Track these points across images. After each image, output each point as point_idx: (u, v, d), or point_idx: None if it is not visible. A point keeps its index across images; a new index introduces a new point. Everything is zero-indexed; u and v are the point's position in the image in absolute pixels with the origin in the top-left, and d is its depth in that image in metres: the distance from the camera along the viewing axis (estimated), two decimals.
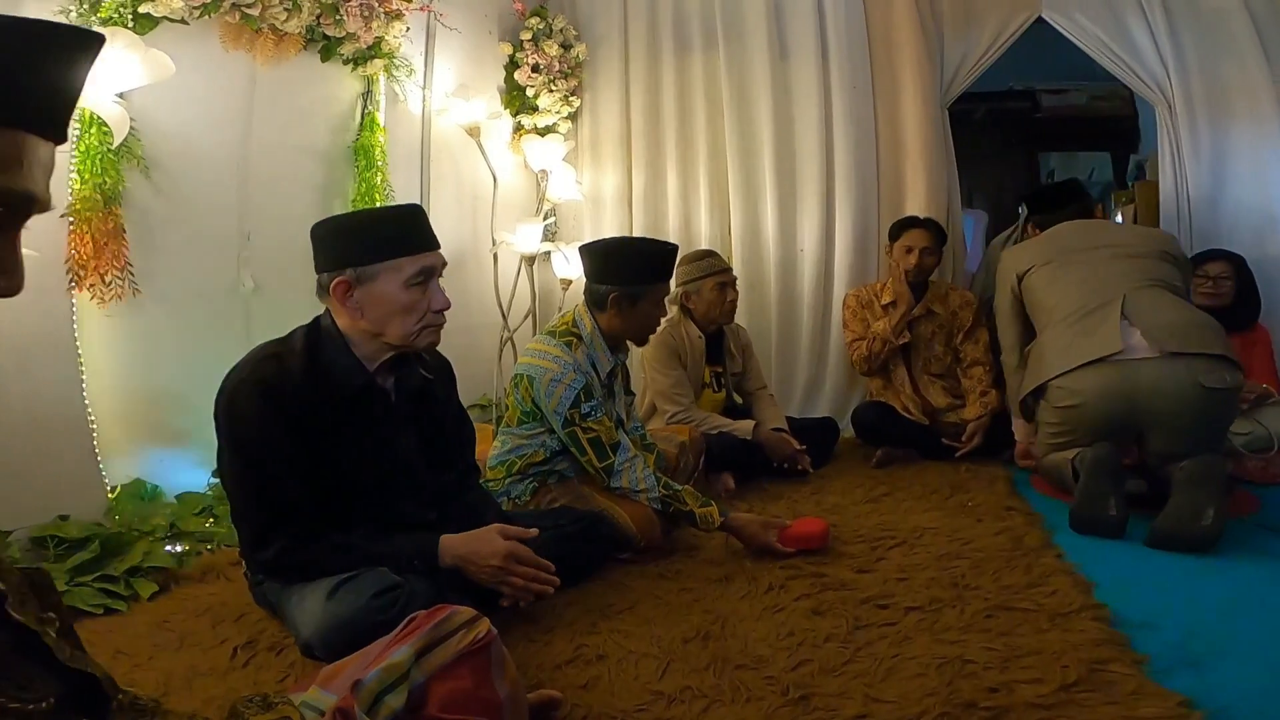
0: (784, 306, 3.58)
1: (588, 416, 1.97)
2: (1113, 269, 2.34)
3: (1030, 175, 5.52)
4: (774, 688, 1.31)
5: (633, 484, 1.97)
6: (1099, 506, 2.04)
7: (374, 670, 0.96)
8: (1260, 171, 3.12)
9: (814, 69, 3.51)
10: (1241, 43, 3.13)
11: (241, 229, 2.48)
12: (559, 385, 1.98)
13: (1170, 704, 1.15)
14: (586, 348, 2.07)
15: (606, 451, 1.98)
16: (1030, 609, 1.54)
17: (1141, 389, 2.10)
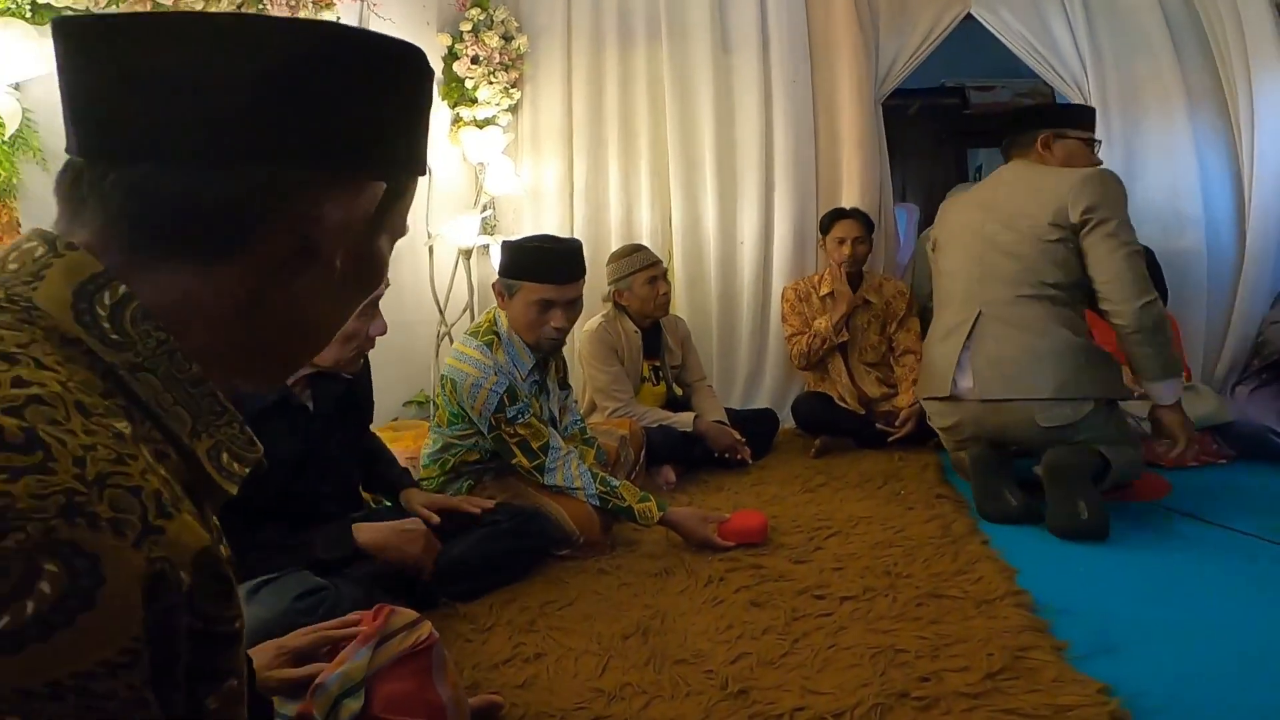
0: (724, 299, 3.61)
1: (514, 420, 1.95)
2: (982, 271, 2.22)
3: (959, 170, 5.66)
4: (713, 681, 1.32)
5: (567, 481, 1.96)
6: (996, 502, 2.12)
7: (334, 674, 0.96)
8: (1169, 166, 3.25)
9: (755, 63, 3.54)
10: (1154, 40, 3.25)
11: None
12: (481, 390, 1.94)
13: (1089, 690, 1.19)
14: (506, 346, 2.03)
15: (535, 453, 1.97)
16: (958, 596, 1.58)
17: (985, 425, 2.20)
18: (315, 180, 0.52)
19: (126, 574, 0.35)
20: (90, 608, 0.33)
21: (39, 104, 2.03)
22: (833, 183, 3.56)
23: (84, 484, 0.35)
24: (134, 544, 0.35)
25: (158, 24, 0.50)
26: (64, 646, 0.33)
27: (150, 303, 0.48)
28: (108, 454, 0.37)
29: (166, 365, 0.48)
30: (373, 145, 0.55)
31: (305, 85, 0.51)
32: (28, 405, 0.37)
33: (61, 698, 0.33)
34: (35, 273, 0.47)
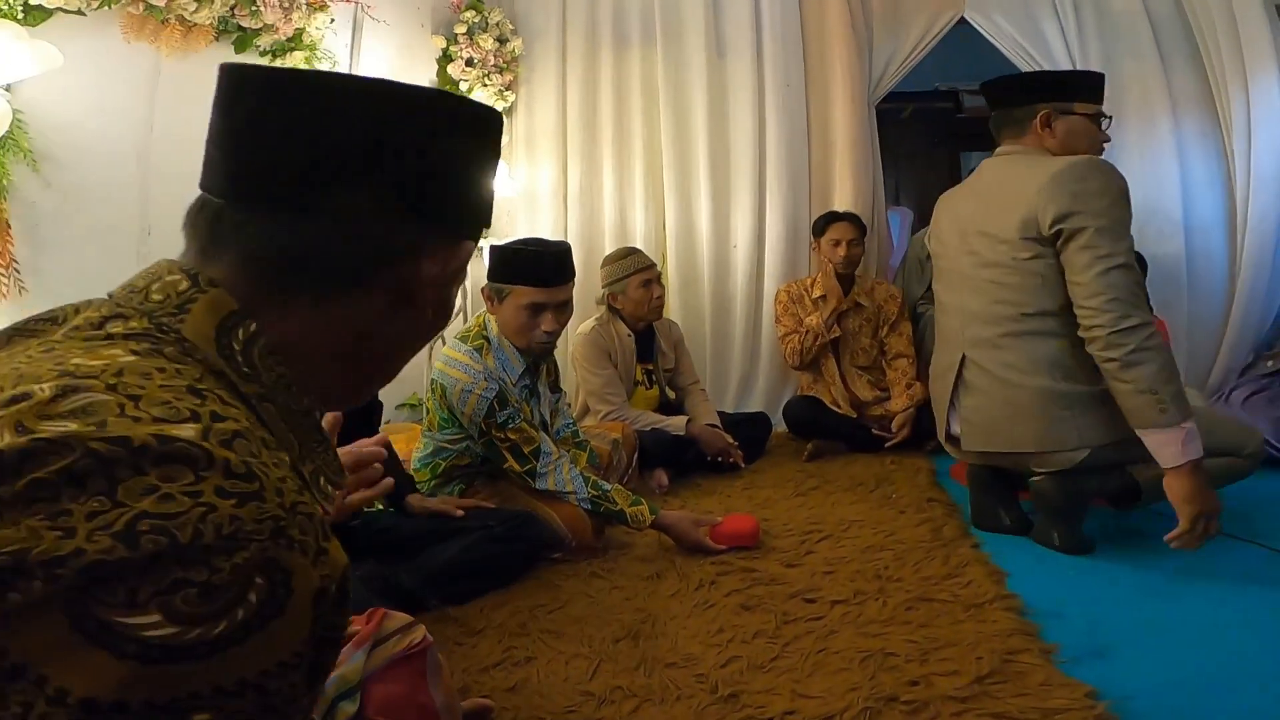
0: (717, 302, 3.61)
1: (504, 425, 1.95)
2: (964, 303, 2.03)
3: (952, 173, 5.68)
4: (703, 685, 1.32)
5: (559, 486, 1.96)
6: (990, 519, 2.09)
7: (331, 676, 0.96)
8: (1153, 170, 3.28)
9: (749, 66, 3.55)
10: (1141, 45, 3.29)
11: (142, 224, 2.36)
12: (471, 396, 1.94)
13: (1078, 694, 1.20)
14: (496, 351, 2.02)
15: (526, 458, 1.96)
16: (948, 600, 1.59)
17: (988, 462, 2.07)
18: (424, 238, 0.60)
19: (307, 588, 0.40)
20: (280, 616, 0.39)
21: (30, 105, 2.03)
22: (826, 186, 3.57)
23: (285, 510, 0.41)
24: (313, 562, 0.41)
25: (316, 83, 0.57)
26: (256, 649, 0.38)
27: (270, 337, 0.55)
28: (294, 485, 0.43)
29: (284, 397, 0.54)
30: (472, 208, 0.64)
31: (426, 151, 0.58)
32: (235, 439, 0.42)
33: (244, 694, 0.38)
34: (180, 305, 0.52)
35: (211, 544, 0.37)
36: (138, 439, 0.39)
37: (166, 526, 0.37)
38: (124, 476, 0.38)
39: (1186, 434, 1.61)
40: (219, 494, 0.39)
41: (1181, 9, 3.30)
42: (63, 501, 0.37)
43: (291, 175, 0.55)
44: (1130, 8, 3.32)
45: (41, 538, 0.36)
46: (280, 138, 0.55)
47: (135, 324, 0.50)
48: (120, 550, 0.36)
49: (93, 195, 2.24)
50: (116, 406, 0.41)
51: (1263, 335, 3.28)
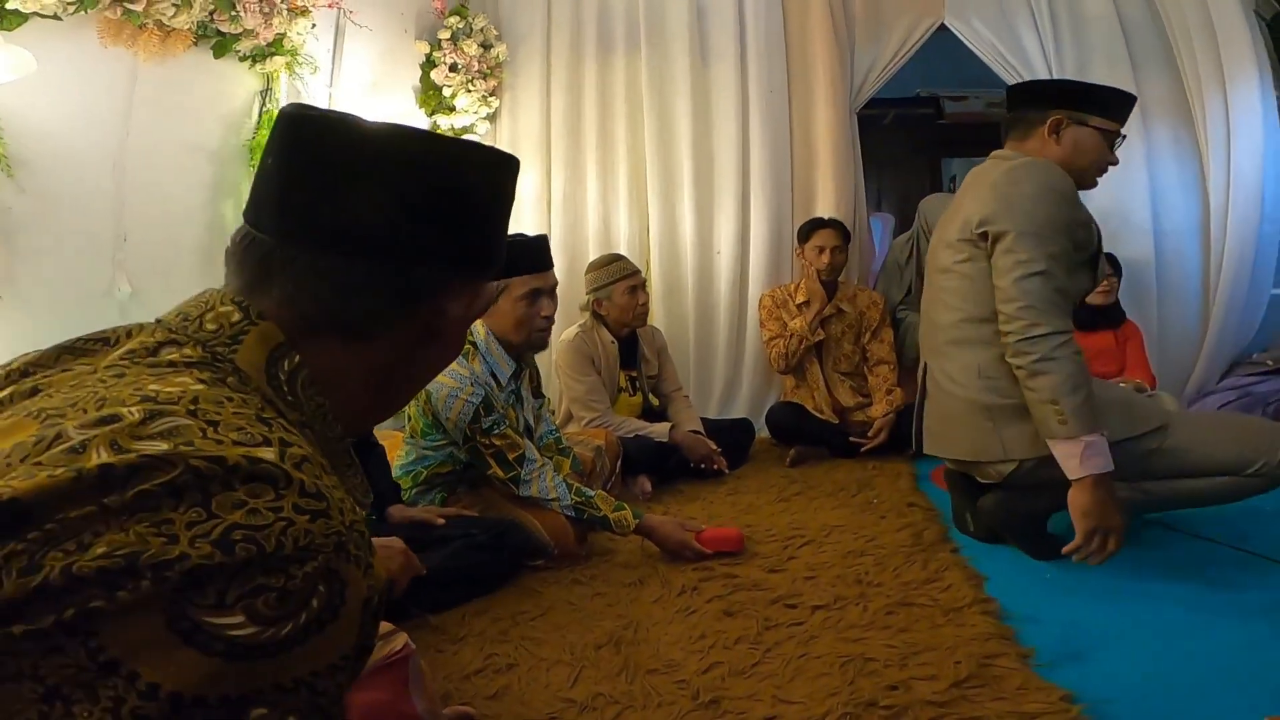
0: (701, 308, 3.62)
1: (490, 431, 1.94)
2: (927, 310, 2.07)
3: (933, 180, 5.73)
4: (685, 692, 1.33)
5: (543, 493, 1.96)
6: (960, 522, 2.11)
7: None
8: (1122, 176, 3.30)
9: (733, 73, 3.56)
10: (1115, 51, 3.33)
11: (118, 230, 2.34)
12: (457, 400, 1.93)
13: (1054, 698, 1.21)
14: (483, 356, 2.02)
15: (511, 464, 1.96)
16: (927, 604, 1.60)
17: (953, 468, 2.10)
18: (452, 281, 0.64)
19: (358, 597, 0.45)
20: (335, 621, 0.43)
21: (4, 110, 2.00)
22: (808, 192, 3.59)
23: (345, 527, 0.45)
24: (364, 574, 0.45)
25: (368, 132, 0.61)
26: (313, 650, 0.42)
27: (312, 369, 0.59)
28: (350, 505, 0.48)
29: (321, 424, 0.59)
30: (495, 251, 0.68)
31: (459, 199, 0.62)
32: (304, 463, 0.46)
33: (297, 692, 0.42)
34: (234, 336, 0.56)
35: (290, 554, 0.42)
36: (231, 458, 0.43)
37: (255, 536, 0.41)
38: (217, 491, 0.42)
39: (1086, 447, 1.58)
40: (296, 510, 0.43)
41: (1156, 14, 3.34)
42: (164, 511, 0.40)
43: (341, 220, 0.59)
44: (1104, 13, 3.36)
45: (149, 543, 0.39)
46: (334, 183, 0.59)
47: (190, 351, 0.54)
48: (219, 556, 0.40)
49: (68, 201, 2.21)
50: (199, 430, 0.45)
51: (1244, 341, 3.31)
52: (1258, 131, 3.16)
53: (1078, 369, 1.62)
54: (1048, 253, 1.68)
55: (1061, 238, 1.71)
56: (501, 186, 0.68)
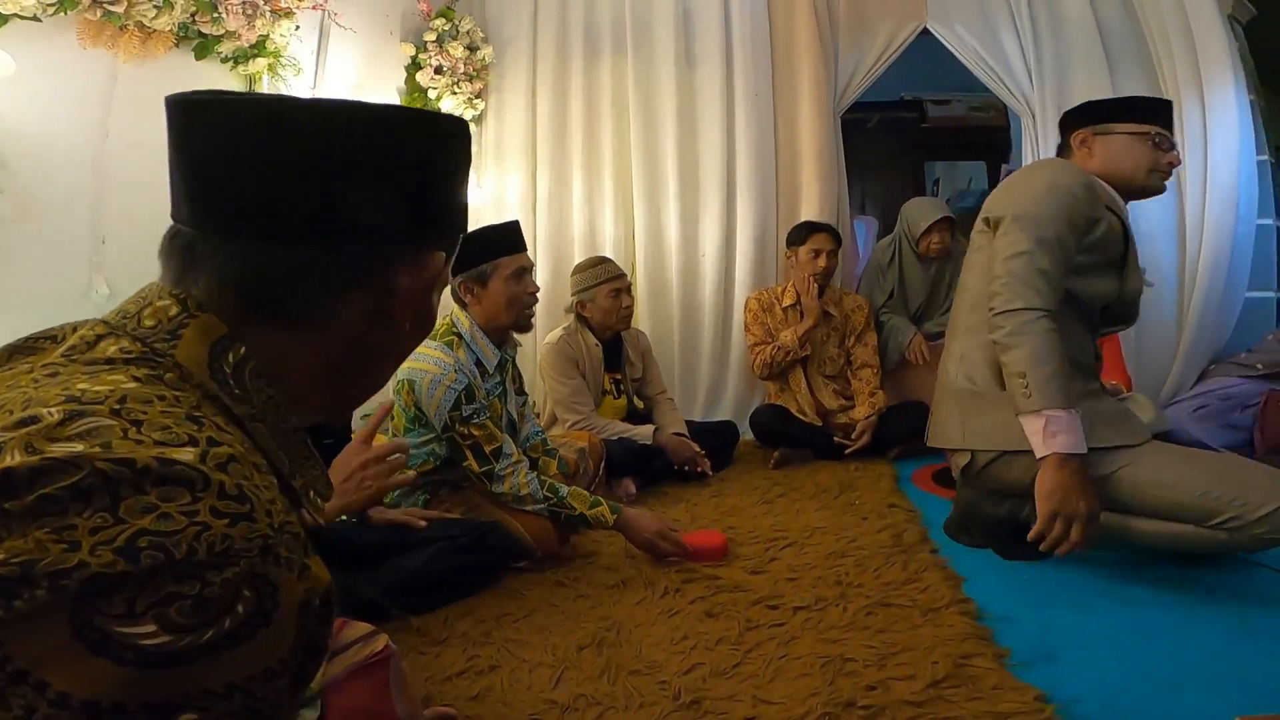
0: (686, 311, 3.63)
1: (469, 420, 1.95)
2: (956, 302, 2.07)
3: (916, 183, 5.78)
4: (666, 692, 1.34)
5: (514, 490, 1.96)
6: (958, 539, 2.06)
7: None
8: None
9: (718, 76, 3.58)
10: (1093, 56, 3.37)
11: (96, 232, 2.32)
12: (439, 387, 1.94)
13: (1028, 698, 1.23)
14: (468, 346, 2.04)
15: (487, 458, 1.96)
16: (906, 605, 1.62)
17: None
18: (394, 253, 0.61)
19: (292, 600, 0.43)
20: (267, 625, 0.42)
21: None
22: (793, 195, 3.62)
23: (273, 530, 0.44)
24: (298, 577, 0.44)
25: (265, 107, 0.57)
26: (244, 656, 0.41)
27: (259, 360, 0.57)
28: (282, 506, 0.46)
29: (273, 416, 0.57)
30: (436, 219, 0.64)
31: (382, 168, 0.59)
32: (230, 463, 0.45)
33: (231, 697, 0.41)
34: (173, 331, 0.54)
35: (205, 560, 0.40)
36: (141, 460, 0.41)
37: (164, 543, 0.39)
38: (126, 495, 0.40)
39: (1049, 421, 1.55)
40: (213, 514, 0.41)
41: (1135, 19, 3.38)
42: (69, 516, 0.39)
43: (252, 203, 0.56)
44: (1083, 17, 3.40)
45: (48, 550, 0.38)
46: (235, 166, 0.56)
47: (130, 346, 0.52)
48: (121, 564, 0.38)
49: (47, 202, 2.19)
50: (121, 430, 0.43)
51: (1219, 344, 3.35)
52: (1233, 134, 3.19)
53: (1047, 345, 1.61)
54: (1036, 236, 1.68)
55: (1057, 226, 1.70)
56: (437, 147, 0.63)
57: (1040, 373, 1.58)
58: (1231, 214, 3.20)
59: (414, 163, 0.60)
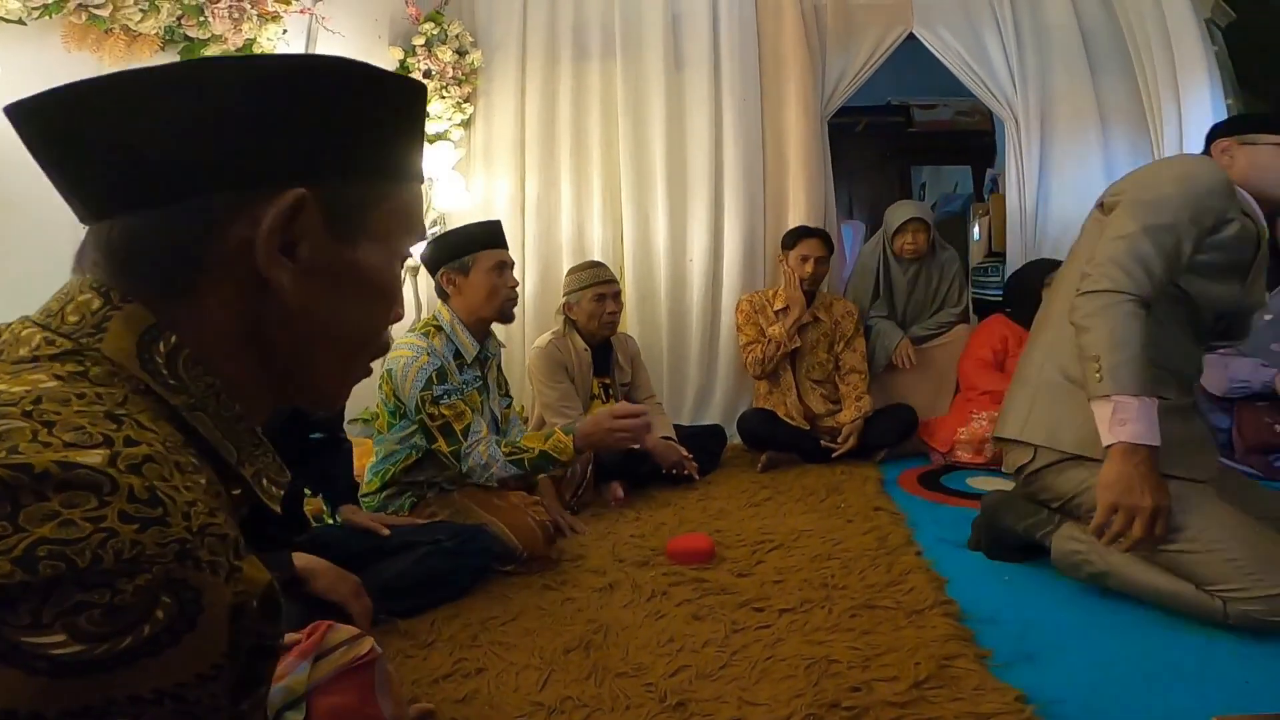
0: (674, 315, 3.64)
1: (439, 400, 1.99)
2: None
3: (903, 187, 5.82)
4: (653, 694, 1.35)
5: (478, 460, 1.99)
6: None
7: (277, 687, 0.97)
8: (1091, 183, 3.36)
9: (706, 81, 3.59)
10: (1075, 59, 3.40)
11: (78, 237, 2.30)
12: (412, 368, 2.01)
13: (1009, 698, 1.25)
14: (447, 336, 2.11)
15: (456, 436, 2.00)
16: (890, 607, 1.63)
17: None
18: (233, 203, 0.54)
19: (220, 604, 0.42)
20: (193, 630, 0.41)
21: None
22: (780, 200, 3.63)
23: (191, 534, 0.42)
24: (225, 580, 0.43)
25: (84, 89, 0.54)
26: (170, 662, 0.40)
27: (193, 348, 0.54)
28: (204, 508, 0.44)
29: (214, 405, 0.55)
30: (266, 152, 0.55)
31: (200, 115, 0.53)
32: (144, 464, 0.43)
33: (162, 703, 0.40)
34: (97, 325, 0.52)
35: (111, 568, 0.38)
36: (39, 465, 0.40)
37: (65, 552, 0.38)
38: (27, 502, 0.39)
39: (1118, 408, 1.47)
40: (122, 519, 0.40)
41: (1116, 23, 3.41)
42: None
43: (104, 179, 0.54)
44: (1065, 22, 3.43)
45: None
46: (61, 155, 0.56)
47: (56, 341, 0.51)
48: (19, 575, 0.37)
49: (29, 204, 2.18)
50: (30, 433, 0.42)
51: None
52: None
53: (1127, 329, 1.51)
54: (1148, 222, 1.59)
55: (1177, 215, 1.59)
56: (251, 90, 0.55)
57: (1116, 356, 1.50)
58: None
59: (227, 107, 0.54)
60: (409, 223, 0.63)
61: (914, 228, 3.30)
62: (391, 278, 0.63)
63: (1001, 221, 3.76)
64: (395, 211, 0.61)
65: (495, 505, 2.03)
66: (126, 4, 2.22)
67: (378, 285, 0.61)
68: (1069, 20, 3.43)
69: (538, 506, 2.09)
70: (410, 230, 0.64)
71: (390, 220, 0.61)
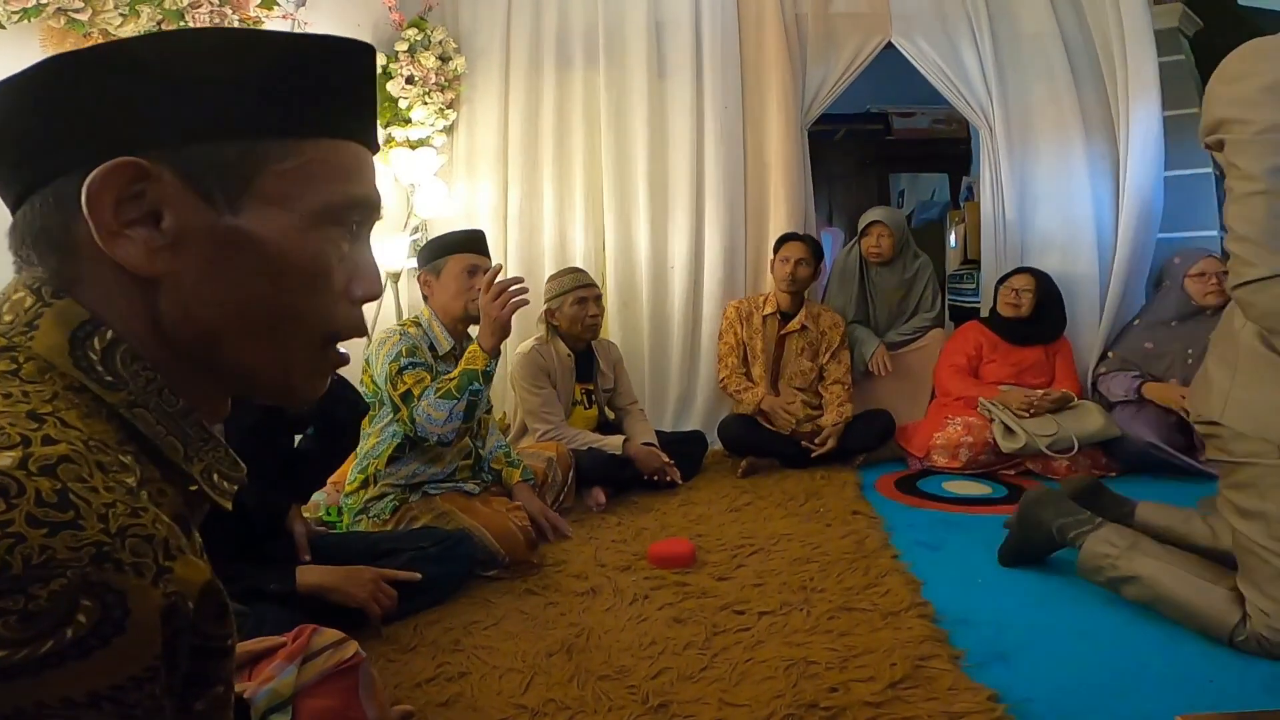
0: (655, 322, 3.65)
1: (404, 370, 2.07)
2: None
3: (881, 194, 5.88)
4: (635, 696, 1.37)
5: (423, 414, 2.03)
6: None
7: (264, 690, 0.98)
8: (1064, 192, 3.43)
9: (689, 89, 3.61)
10: (1055, 69, 3.44)
11: None
12: (384, 346, 2.12)
13: (981, 698, 1.28)
14: (425, 331, 2.22)
15: (414, 399, 2.05)
16: (867, 609, 1.67)
17: None
18: (77, 183, 0.51)
19: (148, 606, 0.41)
20: (121, 633, 0.40)
21: None
22: (761, 207, 3.66)
23: (109, 535, 0.40)
24: (152, 582, 0.41)
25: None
26: (101, 664, 0.39)
27: (129, 341, 0.52)
28: (125, 509, 0.42)
29: (156, 400, 0.53)
30: (100, 134, 0.52)
31: (43, 99, 0.52)
32: (59, 464, 0.42)
33: (99, 706, 0.40)
34: (29, 322, 0.51)
35: (21, 574, 0.38)
36: None
37: None
38: None
39: None
40: (30, 523, 0.39)
41: (1088, 32, 3.44)
42: None
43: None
44: (1039, 30, 3.47)
45: None
46: None
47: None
48: None
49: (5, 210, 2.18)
50: None
51: None
52: (1154, 148, 3.25)
53: None
54: (1271, 165, 1.23)
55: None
56: (97, 67, 0.52)
57: None
58: (1147, 228, 3.26)
59: (64, 88, 0.52)
60: (324, 183, 0.55)
61: (877, 230, 3.36)
62: (304, 245, 0.55)
63: (976, 229, 3.81)
64: (298, 171, 0.54)
65: (477, 510, 2.05)
66: (106, 8, 2.22)
67: (281, 253, 0.54)
68: (1043, 29, 3.46)
69: (519, 512, 2.11)
70: (332, 190, 0.56)
71: (291, 181, 0.54)
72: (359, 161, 0.59)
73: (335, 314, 0.58)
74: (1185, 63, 3.62)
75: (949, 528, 2.31)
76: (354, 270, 0.59)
